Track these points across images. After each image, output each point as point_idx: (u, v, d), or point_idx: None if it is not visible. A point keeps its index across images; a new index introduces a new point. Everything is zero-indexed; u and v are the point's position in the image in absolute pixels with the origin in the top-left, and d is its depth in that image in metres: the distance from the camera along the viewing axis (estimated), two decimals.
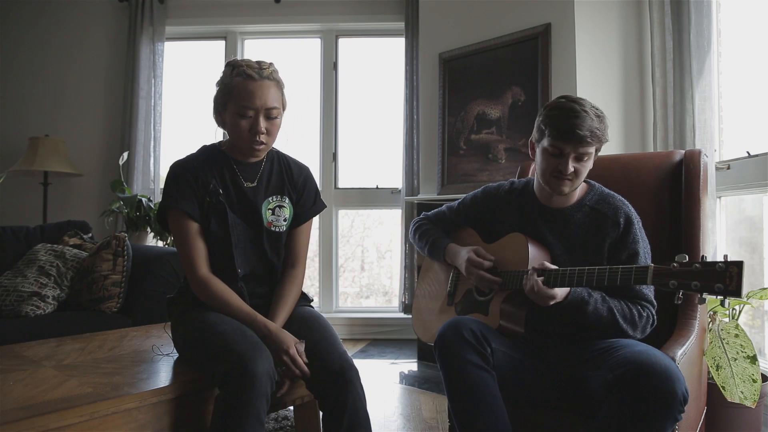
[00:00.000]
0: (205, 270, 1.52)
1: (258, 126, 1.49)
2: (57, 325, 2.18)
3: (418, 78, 3.75)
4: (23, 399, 1.23)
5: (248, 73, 1.48)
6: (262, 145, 1.53)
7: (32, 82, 4.18)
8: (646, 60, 2.94)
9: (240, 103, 1.48)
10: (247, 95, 1.47)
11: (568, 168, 1.40)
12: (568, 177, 1.42)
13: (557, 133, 1.40)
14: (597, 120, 1.40)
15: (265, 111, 1.49)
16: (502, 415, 1.33)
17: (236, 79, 1.49)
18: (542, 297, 1.36)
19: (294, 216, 1.64)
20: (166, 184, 1.56)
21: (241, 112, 1.49)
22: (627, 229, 1.45)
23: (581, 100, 1.43)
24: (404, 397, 2.71)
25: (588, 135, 1.37)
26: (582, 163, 1.42)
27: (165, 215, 1.58)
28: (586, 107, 1.40)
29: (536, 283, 1.36)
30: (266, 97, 1.48)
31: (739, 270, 1.09)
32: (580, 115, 1.38)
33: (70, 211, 3.93)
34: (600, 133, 1.40)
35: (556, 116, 1.41)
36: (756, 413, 1.91)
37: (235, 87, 1.49)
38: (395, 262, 4.29)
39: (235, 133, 1.52)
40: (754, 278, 2.50)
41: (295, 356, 1.41)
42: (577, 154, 1.40)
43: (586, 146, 1.39)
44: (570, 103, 1.41)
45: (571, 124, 1.37)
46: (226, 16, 4.17)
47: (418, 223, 1.81)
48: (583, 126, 1.37)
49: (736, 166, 2.45)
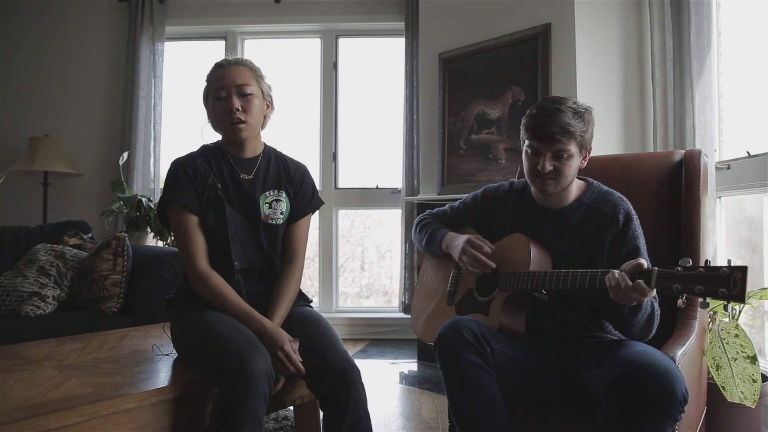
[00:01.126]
0: (204, 264, 1.53)
1: (231, 103, 1.55)
2: (57, 325, 2.18)
3: (418, 78, 3.74)
4: (23, 399, 1.23)
5: (220, 63, 1.62)
6: (241, 124, 1.57)
7: (32, 82, 4.18)
8: (646, 60, 2.94)
9: (214, 88, 1.58)
10: (218, 78, 1.58)
11: (545, 166, 1.41)
12: (550, 176, 1.43)
13: (530, 133, 1.43)
14: (574, 117, 1.40)
15: (236, 88, 1.56)
16: (503, 415, 1.33)
17: (211, 71, 1.63)
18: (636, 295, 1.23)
19: (291, 211, 1.65)
20: (167, 179, 1.59)
21: (216, 96, 1.57)
22: (626, 225, 1.45)
23: (562, 99, 1.44)
24: (404, 397, 2.71)
25: (558, 132, 1.38)
26: (562, 161, 1.42)
27: (165, 210, 1.59)
28: (563, 105, 1.41)
29: (625, 281, 1.23)
30: (235, 75, 1.57)
31: (743, 275, 1.08)
32: (552, 113, 1.39)
33: (70, 211, 3.93)
34: (573, 128, 1.39)
35: (531, 116, 1.44)
36: (756, 413, 1.91)
37: (210, 77, 1.61)
38: (395, 262, 4.29)
39: (217, 119, 1.59)
40: (754, 278, 2.50)
41: (289, 352, 1.41)
42: (552, 152, 1.41)
43: (558, 143, 1.39)
44: (547, 103, 1.43)
45: (541, 122, 1.40)
46: (226, 16, 4.17)
47: (422, 217, 1.82)
48: (552, 123, 1.38)
49: (736, 166, 2.45)
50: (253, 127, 1.60)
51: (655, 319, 1.38)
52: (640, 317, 1.34)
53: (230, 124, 1.56)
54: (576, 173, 1.48)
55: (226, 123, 1.57)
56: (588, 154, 1.49)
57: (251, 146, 1.64)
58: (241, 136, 1.58)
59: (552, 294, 1.46)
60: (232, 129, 1.57)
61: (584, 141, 1.44)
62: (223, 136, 1.63)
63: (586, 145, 1.46)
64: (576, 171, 1.47)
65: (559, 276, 1.37)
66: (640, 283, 1.21)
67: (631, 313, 1.33)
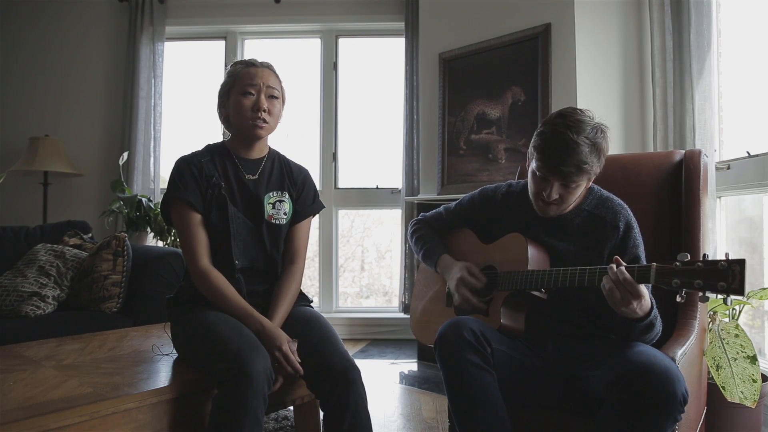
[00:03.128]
0: (206, 261, 1.54)
1: (260, 102, 1.58)
2: (57, 325, 2.18)
3: (418, 78, 3.75)
4: (23, 399, 1.23)
5: (250, 62, 1.64)
6: (264, 124, 1.59)
7: (32, 82, 4.18)
8: (646, 60, 2.94)
9: (243, 83, 1.59)
10: (250, 76, 1.59)
11: (551, 196, 1.39)
12: (554, 202, 1.42)
13: (543, 163, 1.37)
14: (590, 151, 1.34)
15: (267, 89, 1.59)
16: (503, 415, 1.33)
17: (239, 67, 1.63)
18: (632, 293, 1.22)
19: (294, 213, 1.67)
20: (171, 176, 1.59)
21: (243, 91, 1.58)
22: (627, 234, 1.44)
23: (579, 124, 1.35)
24: (404, 397, 2.71)
25: (573, 171, 1.34)
26: (569, 190, 1.40)
27: (169, 207, 1.60)
28: (580, 137, 1.33)
29: (622, 274, 1.22)
30: (267, 77, 1.60)
31: (741, 268, 1.08)
32: (569, 147, 1.32)
33: (70, 211, 3.93)
34: (589, 167, 1.34)
35: (547, 143, 1.36)
36: (756, 413, 1.91)
37: (238, 73, 1.61)
38: (395, 262, 4.29)
39: (239, 112, 1.59)
40: (754, 278, 2.50)
41: (287, 352, 1.41)
42: (561, 183, 1.39)
43: (569, 179, 1.37)
44: (563, 131, 1.34)
45: (558, 158, 1.33)
46: (226, 16, 4.17)
47: (415, 226, 1.80)
48: (568, 162, 1.32)
49: (736, 166, 2.45)
50: (272, 129, 1.64)
51: (659, 335, 1.37)
52: (648, 336, 1.34)
53: (253, 121, 1.58)
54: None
55: (249, 118, 1.58)
56: (595, 176, 1.44)
57: (259, 147, 1.66)
58: (260, 134, 1.61)
59: (551, 293, 1.46)
60: (254, 126, 1.58)
61: (594, 173, 1.40)
62: (238, 131, 1.63)
63: (596, 175, 1.42)
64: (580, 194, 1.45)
65: (557, 274, 1.37)
66: (632, 282, 1.21)
67: (640, 333, 1.32)
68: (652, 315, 1.30)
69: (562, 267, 1.44)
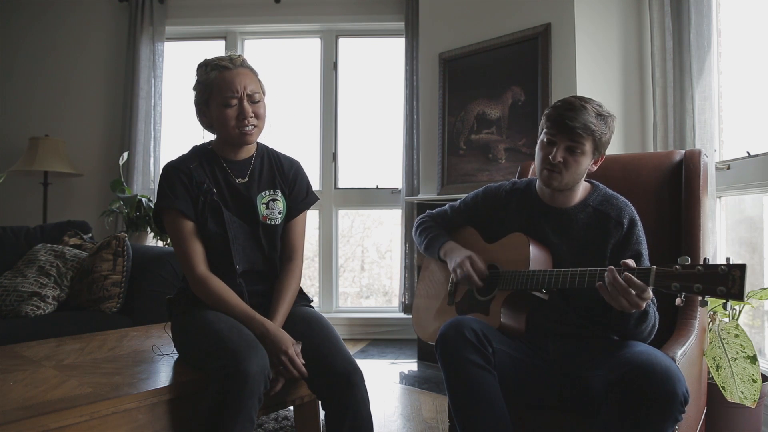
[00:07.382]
0: (203, 268, 1.53)
1: (244, 110, 1.53)
2: (57, 325, 2.18)
3: (418, 78, 3.74)
4: (23, 399, 1.23)
5: (222, 65, 1.55)
6: (254, 128, 1.56)
7: (32, 82, 4.18)
8: (646, 60, 2.94)
9: (222, 94, 1.52)
10: (227, 84, 1.52)
11: (556, 156, 1.41)
12: (557, 169, 1.42)
13: (551, 123, 1.43)
14: (597, 118, 1.41)
15: (248, 95, 1.54)
16: (503, 414, 1.33)
17: (212, 74, 1.54)
18: (637, 295, 1.22)
19: (287, 209, 1.65)
20: (160, 185, 1.57)
21: (225, 102, 1.52)
22: (630, 230, 1.45)
23: (588, 99, 1.44)
24: (404, 397, 2.71)
25: (580, 126, 1.38)
26: (574, 156, 1.42)
27: (161, 217, 1.58)
28: (588, 104, 1.42)
29: (630, 280, 1.22)
30: (245, 81, 1.54)
31: (741, 273, 1.08)
32: (577, 108, 1.40)
33: (70, 211, 3.93)
34: (595, 128, 1.40)
35: (555, 107, 1.44)
36: (756, 413, 1.91)
37: (214, 81, 1.54)
38: (395, 262, 4.29)
39: (223, 124, 1.54)
40: (754, 278, 2.50)
41: (293, 357, 1.41)
42: (567, 144, 1.41)
43: (577, 138, 1.40)
44: (573, 98, 1.44)
45: (565, 115, 1.40)
46: (226, 16, 4.17)
47: (422, 220, 1.81)
48: (576, 118, 1.39)
49: (736, 166, 2.45)
50: (261, 129, 1.61)
51: (656, 327, 1.38)
52: (645, 326, 1.35)
53: (241, 130, 1.54)
54: (584, 174, 1.48)
55: (235, 128, 1.54)
56: (600, 159, 1.49)
57: (247, 147, 1.63)
58: (250, 140, 1.58)
59: (552, 293, 1.46)
60: (242, 135, 1.55)
61: (600, 144, 1.44)
62: (225, 139, 1.59)
63: (601, 149, 1.45)
64: (584, 172, 1.47)
65: (558, 275, 1.37)
66: (633, 278, 1.21)
67: (635, 323, 1.33)
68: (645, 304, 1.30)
69: (564, 262, 1.44)
